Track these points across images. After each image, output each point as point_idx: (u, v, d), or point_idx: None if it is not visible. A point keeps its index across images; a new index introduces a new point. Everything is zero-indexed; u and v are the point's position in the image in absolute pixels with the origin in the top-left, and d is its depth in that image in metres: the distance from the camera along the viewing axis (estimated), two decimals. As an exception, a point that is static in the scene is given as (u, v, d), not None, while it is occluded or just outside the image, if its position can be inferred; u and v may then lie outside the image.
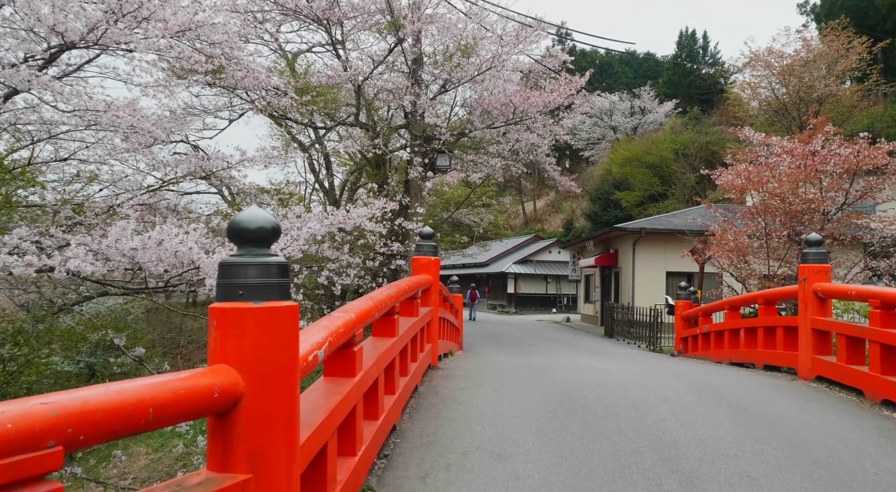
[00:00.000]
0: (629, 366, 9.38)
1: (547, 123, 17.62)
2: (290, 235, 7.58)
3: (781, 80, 30.79)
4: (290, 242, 7.36)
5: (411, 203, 13.03)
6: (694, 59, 57.87)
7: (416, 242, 7.96)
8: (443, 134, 14.86)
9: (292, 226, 7.92)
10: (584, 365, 9.30)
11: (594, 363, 9.90)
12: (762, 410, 5.80)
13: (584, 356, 11.98)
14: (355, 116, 16.27)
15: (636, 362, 10.26)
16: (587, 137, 55.85)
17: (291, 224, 7.78)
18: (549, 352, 13.31)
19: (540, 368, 8.55)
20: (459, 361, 9.49)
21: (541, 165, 20.39)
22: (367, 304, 4.10)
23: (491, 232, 28.82)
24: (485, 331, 22.60)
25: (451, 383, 6.89)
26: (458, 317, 13.16)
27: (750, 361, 9.32)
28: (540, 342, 17.39)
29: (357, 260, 10.13)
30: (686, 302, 12.96)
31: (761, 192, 12.53)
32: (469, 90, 17.51)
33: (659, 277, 21.60)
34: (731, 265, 12.32)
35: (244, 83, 13.58)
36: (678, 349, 13.05)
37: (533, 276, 41.75)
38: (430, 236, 7.98)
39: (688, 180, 37.96)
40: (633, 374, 8.00)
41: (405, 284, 5.70)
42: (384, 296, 4.62)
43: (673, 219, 22.88)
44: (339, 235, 10.83)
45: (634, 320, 18.84)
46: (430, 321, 7.74)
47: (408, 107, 15.84)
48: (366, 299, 4.21)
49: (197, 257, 5.94)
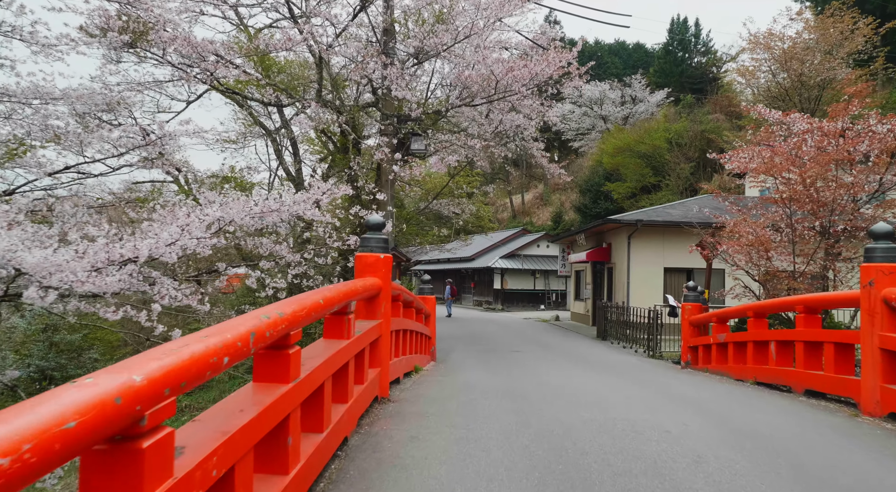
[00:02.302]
0: (634, 390, 7.54)
1: (534, 104, 15.74)
2: (177, 225, 5.67)
3: (782, 64, 29.04)
4: (179, 233, 5.44)
5: (379, 191, 11.18)
6: (686, 48, 56.16)
7: (362, 236, 6.09)
8: (415, 110, 12.94)
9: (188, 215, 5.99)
10: (579, 389, 7.45)
11: (590, 384, 8.05)
12: (845, 480, 3.97)
13: (577, 371, 10.14)
14: (317, 92, 14.30)
15: (642, 383, 8.42)
16: (576, 128, 54.14)
17: (184, 214, 5.85)
18: (536, 363, 11.47)
19: (523, 396, 6.70)
20: (423, 383, 7.62)
21: (528, 150, 18.51)
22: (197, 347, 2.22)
23: (474, 225, 26.91)
24: (467, 331, 20.75)
25: (400, 427, 5.02)
26: (430, 322, 11.29)
27: (783, 382, 7.51)
28: (526, 347, 15.55)
29: (297, 257, 8.25)
30: (695, 305, 11.16)
31: (783, 177, 10.72)
32: (447, 65, 15.60)
33: (656, 273, 19.82)
34: (748, 262, 10.52)
35: (179, 50, 11.64)
36: (685, 360, 11.25)
37: (520, 271, 39.94)
38: (378, 227, 6.10)
39: (682, 171, 36.28)
40: (644, 406, 6.16)
41: (319, 297, 3.82)
42: (255, 325, 2.75)
43: (671, 210, 21.09)
44: (283, 226, 8.95)
45: (630, 322, 17.05)
46: (378, 339, 5.87)
47: (376, 81, 13.91)
48: (200, 339, 2.32)
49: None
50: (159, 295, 5.91)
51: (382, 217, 10.11)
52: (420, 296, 11.49)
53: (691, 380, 8.83)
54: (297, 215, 7.85)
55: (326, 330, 4.63)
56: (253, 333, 2.69)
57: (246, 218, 6.81)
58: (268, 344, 3.01)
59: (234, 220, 6.83)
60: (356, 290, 4.78)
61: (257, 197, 6.93)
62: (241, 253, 9.24)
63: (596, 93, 52.04)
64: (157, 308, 5.67)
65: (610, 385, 7.97)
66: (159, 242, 5.33)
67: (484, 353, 13.62)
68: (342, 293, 4.35)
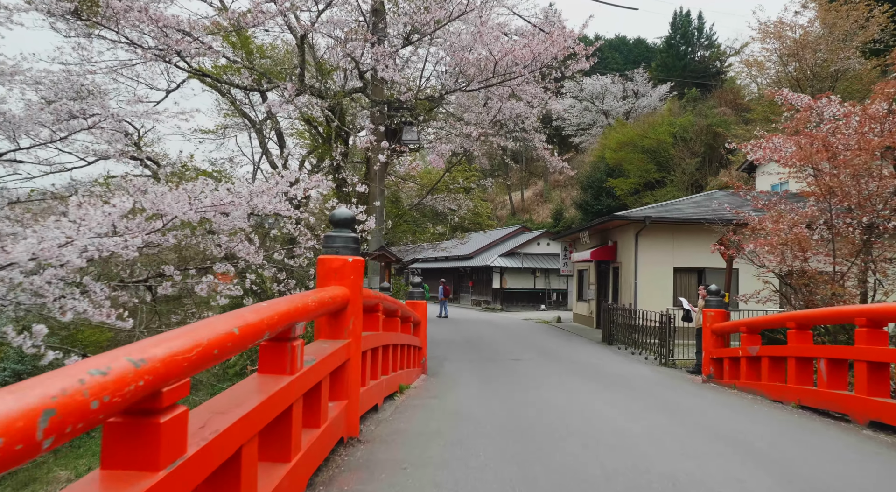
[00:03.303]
0: (661, 418, 6.29)
1: (536, 91, 14.49)
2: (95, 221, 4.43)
3: (794, 54, 27.78)
4: (76, 232, 4.20)
5: (360, 183, 9.91)
6: (689, 42, 54.89)
7: (326, 234, 4.85)
8: (403, 93, 11.70)
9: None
10: (593, 417, 6.21)
11: (605, 409, 6.81)
12: None
13: (587, 387, 8.89)
14: (299, 76, 13.05)
15: (667, 407, 7.17)
16: (577, 123, 52.93)
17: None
18: (540, 376, 10.23)
19: (526, 430, 5.46)
20: (407, 409, 6.38)
21: (529, 142, 17.25)
22: None
23: (471, 221, 25.62)
24: (463, 335, 19.51)
25: (367, 488, 3.79)
26: (421, 331, 10.05)
27: (838, 409, 6.28)
28: (527, 354, 14.32)
29: (259, 259, 7.01)
30: (718, 311, 9.92)
31: (818, 168, 9.48)
32: (441, 51, 14.33)
33: (665, 273, 18.58)
34: (780, 263, 9.28)
35: (137, 25, 10.37)
36: (707, 372, 10.01)
37: (520, 270, 38.68)
38: (346, 222, 4.86)
39: (688, 166, 35.06)
40: (680, 448, 4.92)
41: (231, 326, 2.57)
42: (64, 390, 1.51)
43: (681, 206, 19.84)
44: (250, 222, 7.71)
45: (638, 326, 15.83)
46: (345, 364, 4.64)
47: (364, 64, 12.66)
48: None
49: None
50: (64, 308, 4.69)
51: (364, 212, 8.89)
52: (409, 301, 10.26)
53: (724, 402, 7.58)
54: (258, 210, 6.61)
55: (262, 363, 3.40)
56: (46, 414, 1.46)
57: (190, 212, 5.55)
58: (121, 410, 1.79)
59: (177, 215, 5.57)
60: (305, 307, 3.53)
61: (204, 187, 5.68)
62: (182, 255, 8.00)
63: (597, 87, 50.85)
64: (43, 330, 4.44)
65: (630, 411, 6.73)
66: (47, 244, 4.10)
67: (481, 362, 12.38)
68: (279, 314, 3.11)
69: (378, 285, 12.98)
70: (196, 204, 5.84)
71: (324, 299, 4.01)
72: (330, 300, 4.16)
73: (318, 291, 4.11)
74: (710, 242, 18.37)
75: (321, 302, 3.92)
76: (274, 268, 7.66)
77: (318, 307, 3.84)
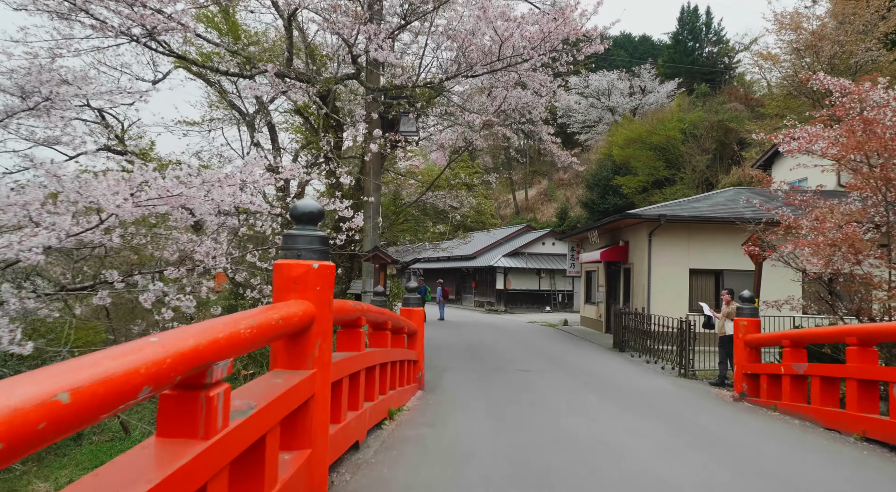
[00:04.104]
0: (704, 458, 5.17)
1: (545, 80, 13.38)
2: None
3: (811, 45, 26.58)
4: None
5: (363, 179, 8.81)
6: (696, 37, 53.74)
7: (286, 232, 3.76)
8: (399, 77, 10.60)
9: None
10: (624, 457, 5.10)
11: (636, 443, 5.70)
12: None
13: (608, 409, 7.76)
14: (287, 60, 11.95)
15: (710, 440, 6.03)
16: (582, 120, 51.85)
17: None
18: (552, 393, 9.11)
19: (543, 475, 4.35)
20: (396, 444, 5.27)
21: (536, 135, 16.13)
22: None
23: (474, 220, 24.46)
24: (465, 340, 18.39)
25: None
26: (417, 341, 8.93)
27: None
28: (535, 363, 13.20)
29: (222, 262, 5.92)
30: (752, 321, 8.80)
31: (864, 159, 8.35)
32: (443, 36, 13.21)
33: (680, 275, 17.45)
34: (827, 266, 8.15)
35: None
36: (740, 390, 8.87)
37: (524, 270, 37.53)
38: (311, 218, 3.76)
39: (698, 163, 33.87)
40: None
41: (75, 381, 1.47)
42: None
43: (697, 204, 18.69)
44: (215, 220, 6.62)
45: (653, 332, 14.70)
46: (308, 402, 3.54)
47: (357, 48, 11.56)
48: None
49: None
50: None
51: (351, 207, 7.78)
52: (404, 308, 9.15)
53: (771, 431, 6.46)
54: (222, 204, 5.50)
55: (161, 422, 2.31)
56: None
57: (126, 206, 4.46)
58: None
59: (113, 211, 4.47)
60: (232, 338, 2.43)
61: (145, 174, 4.59)
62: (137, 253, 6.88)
63: (603, 83, 49.77)
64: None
65: (664, 446, 5.61)
66: None
67: (484, 374, 11.26)
68: (173, 357, 2.00)
69: (372, 289, 11.88)
70: (141, 196, 4.74)
71: (270, 322, 2.91)
72: (281, 322, 3.05)
73: (263, 310, 3.00)
74: (730, 242, 17.33)
75: (265, 327, 2.81)
76: (245, 272, 6.59)
77: (259, 334, 2.73)
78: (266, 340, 2.88)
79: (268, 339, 2.90)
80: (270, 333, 2.89)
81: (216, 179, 4.88)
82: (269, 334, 2.87)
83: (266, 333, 2.82)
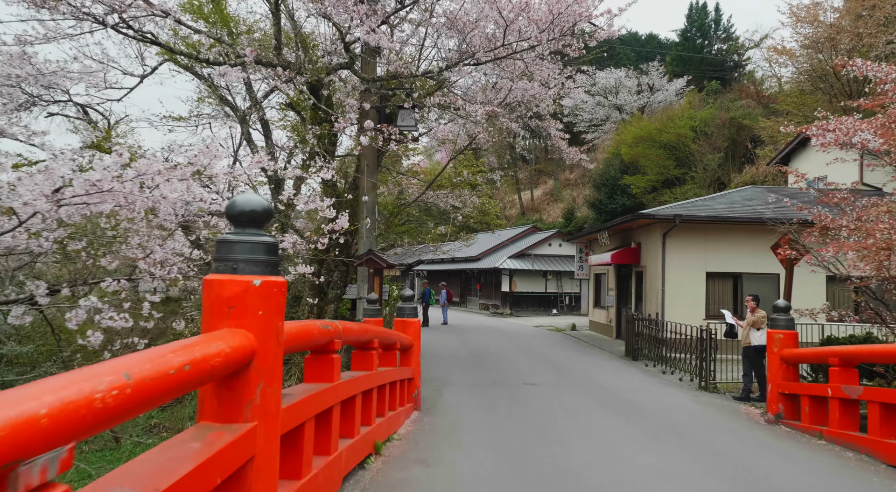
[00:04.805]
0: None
1: (553, 71, 12.44)
2: None
3: (830, 38, 25.55)
4: None
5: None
6: (705, 34, 52.73)
7: (219, 239, 2.84)
8: (394, 63, 9.67)
9: None
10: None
11: (665, 487, 4.75)
12: None
13: (627, 435, 6.79)
14: (275, 48, 11.05)
15: (751, 485, 5.07)
16: (589, 119, 50.90)
17: None
18: (563, 415, 8.16)
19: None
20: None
21: (544, 130, 15.17)
22: None
23: (477, 220, 23.47)
24: (468, 347, 17.44)
25: None
26: (412, 356, 7.98)
27: None
28: (544, 376, 12.24)
29: (162, 272, 5.00)
30: (788, 333, 7.82)
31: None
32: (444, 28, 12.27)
33: (697, 279, 16.45)
34: (879, 272, 7.17)
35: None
36: (775, 411, 7.89)
37: (530, 272, 36.51)
38: (253, 218, 2.82)
39: (709, 162, 32.82)
40: None
41: None
42: None
43: (713, 204, 17.68)
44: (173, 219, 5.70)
45: (668, 339, 13.73)
46: (244, 469, 2.59)
47: (351, 34, 10.63)
48: None
49: None
50: None
51: (333, 206, 6.85)
52: (398, 319, 8.21)
53: (824, 469, 5.49)
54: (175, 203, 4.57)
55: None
56: None
57: (40, 204, 3.53)
58: None
59: (19, 209, 3.55)
60: (64, 414, 1.49)
61: (67, 164, 3.66)
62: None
63: (611, 81, 48.78)
64: None
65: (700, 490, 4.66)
66: None
67: (488, 389, 10.31)
68: None
69: (366, 296, 10.94)
70: (63, 193, 3.83)
71: (162, 374, 1.96)
72: (188, 369, 2.11)
73: (158, 353, 2.06)
74: (749, 244, 16.34)
75: (149, 385, 1.86)
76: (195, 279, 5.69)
77: (133, 400, 1.78)
78: (152, 401, 1.94)
79: (156, 399, 1.96)
80: (161, 390, 1.94)
81: (155, 171, 3.97)
82: (157, 394, 1.93)
83: (150, 393, 1.87)
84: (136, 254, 4.74)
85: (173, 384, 1.99)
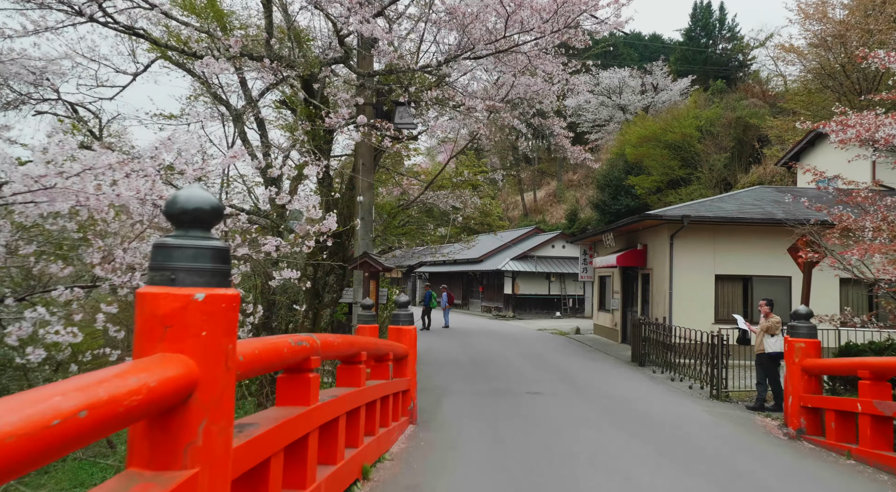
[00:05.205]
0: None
1: (556, 67, 11.93)
2: None
3: (839, 35, 25.01)
4: None
5: (356, 178, 7.41)
6: (710, 34, 52.23)
7: (156, 243, 2.35)
8: (389, 54, 9.19)
9: None
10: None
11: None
12: None
13: (638, 452, 6.27)
14: (266, 42, 10.56)
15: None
16: (592, 119, 50.42)
17: None
18: (569, 428, 7.64)
19: None
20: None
21: (548, 128, 14.65)
22: None
23: (479, 221, 22.94)
24: (469, 352, 16.93)
25: None
26: (407, 366, 7.47)
27: None
28: (548, 385, 11.72)
29: (118, 279, 4.52)
30: (811, 342, 7.30)
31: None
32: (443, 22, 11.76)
33: (706, 282, 15.92)
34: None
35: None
36: (797, 426, 7.37)
37: (533, 274, 35.96)
38: (198, 218, 2.32)
39: (715, 162, 32.27)
40: None
41: None
42: None
43: (722, 204, 17.14)
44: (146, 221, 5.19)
45: (676, 345, 13.21)
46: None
47: (346, 26, 10.13)
48: None
49: None
50: None
51: (318, 205, 6.33)
52: (393, 327, 7.70)
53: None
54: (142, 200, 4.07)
55: None
56: None
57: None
58: None
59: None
60: None
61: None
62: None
63: (614, 81, 48.27)
64: None
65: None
66: None
67: (490, 398, 9.80)
68: None
69: (361, 301, 10.43)
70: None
71: (39, 426, 1.46)
72: (85, 416, 1.60)
73: (37, 396, 1.55)
74: (759, 246, 15.80)
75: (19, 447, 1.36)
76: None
77: None
78: (21, 467, 1.42)
79: (26, 464, 1.45)
80: (34, 451, 1.43)
81: (105, 166, 3.47)
82: (27, 457, 1.42)
83: (15, 456, 1.36)
84: (93, 258, 4.24)
85: (56, 440, 1.48)
